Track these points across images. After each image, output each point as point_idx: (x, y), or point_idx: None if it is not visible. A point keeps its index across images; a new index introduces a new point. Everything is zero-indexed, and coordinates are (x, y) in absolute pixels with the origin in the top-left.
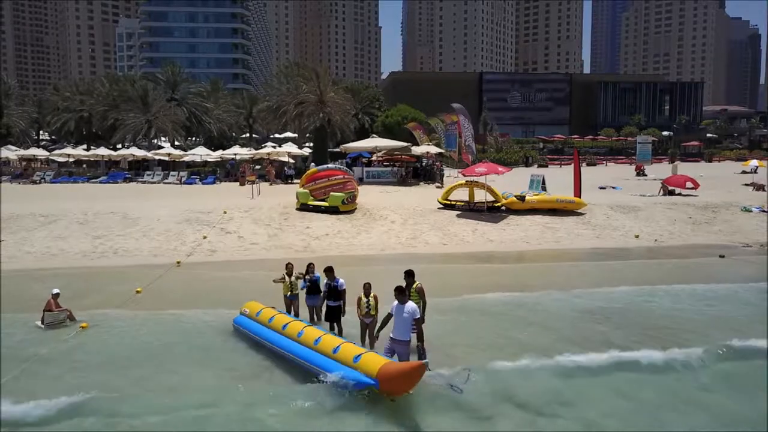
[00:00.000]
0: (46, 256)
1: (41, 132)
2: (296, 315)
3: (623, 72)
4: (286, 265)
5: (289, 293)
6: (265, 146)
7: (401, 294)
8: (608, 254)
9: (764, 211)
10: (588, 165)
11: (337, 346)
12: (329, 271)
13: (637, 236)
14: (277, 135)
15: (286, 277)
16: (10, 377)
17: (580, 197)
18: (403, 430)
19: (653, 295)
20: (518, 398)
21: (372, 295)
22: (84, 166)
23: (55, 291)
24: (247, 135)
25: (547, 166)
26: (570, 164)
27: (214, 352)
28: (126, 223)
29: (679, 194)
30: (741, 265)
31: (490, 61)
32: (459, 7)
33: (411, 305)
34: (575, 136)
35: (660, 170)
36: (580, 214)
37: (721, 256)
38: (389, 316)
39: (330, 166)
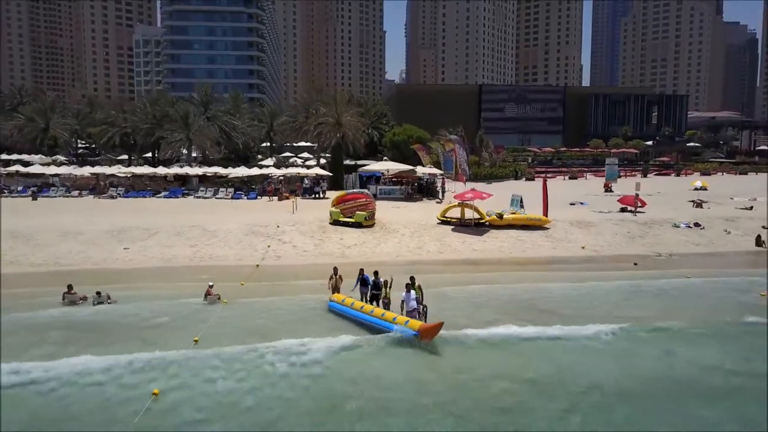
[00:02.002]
0: (164, 260)
1: (79, 141)
2: None
3: (621, 77)
4: (334, 269)
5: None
6: (294, 163)
7: (409, 285)
8: (556, 261)
9: (689, 226)
10: (570, 179)
11: (394, 317)
12: (376, 273)
13: (583, 247)
14: (293, 144)
15: (335, 278)
16: (203, 330)
17: (547, 216)
18: (427, 353)
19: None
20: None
21: (386, 282)
22: (130, 178)
23: (211, 283)
24: (267, 144)
25: (533, 179)
26: (554, 177)
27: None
28: (208, 235)
29: (631, 211)
30: (640, 270)
31: (491, 66)
32: (462, 14)
33: (413, 293)
34: (563, 148)
35: (629, 185)
36: (546, 229)
37: (635, 264)
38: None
39: (355, 191)
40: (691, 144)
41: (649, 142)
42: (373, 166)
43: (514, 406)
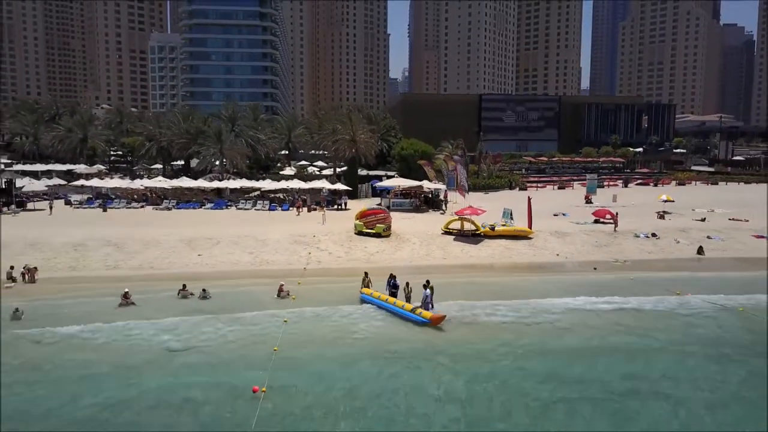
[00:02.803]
0: (229, 264)
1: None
2: None
3: (620, 80)
4: (365, 273)
5: (368, 286)
6: (312, 173)
7: (425, 285)
8: (534, 266)
9: (648, 236)
10: (559, 188)
11: (413, 308)
12: (394, 277)
13: (557, 255)
14: (309, 152)
15: (367, 280)
16: (290, 309)
17: (531, 228)
18: (438, 333)
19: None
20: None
21: (407, 284)
22: (171, 190)
23: (282, 282)
24: (285, 152)
25: (526, 189)
26: (545, 187)
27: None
28: (260, 244)
29: (602, 222)
30: (598, 273)
31: (492, 69)
32: (464, 18)
33: (428, 290)
34: (555, 158)
35: (608, 196)
36: (530, 238)
37: (594, 269)
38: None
39: (374, 206)
40: (678, 150)
41: (639, 149)
42: (387, 182)
43: (489, 355)
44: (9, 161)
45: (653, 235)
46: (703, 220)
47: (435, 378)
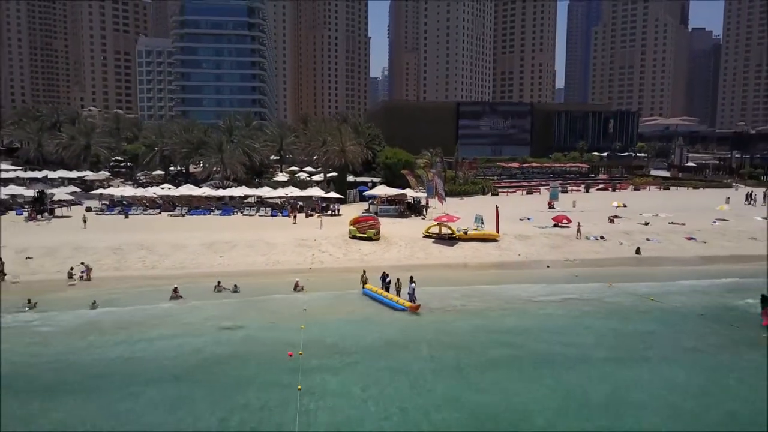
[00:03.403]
0: (247, 264)
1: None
2: None
3: (592, 83)
4: (363, 271)
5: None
6: (305, 180)
7: (411, 280)
8: (499, 264)
9: (597, 239)
10: (527, 193)
11: (397, 300)
12: (387, 274)
13: (519, 255)
14: (299, 158)
15: (365, 276)
16: (306, 299)
17: (498, 232)
18: (414, 315)
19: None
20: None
21: (397, 279)
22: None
23: (297, 279)
24: (277, 158)
25: (497, 195)
26: (515, 192)
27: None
28: (269, 247)
29: (561, 226)
30: (550, 270)
31: (470, 72)
32: (442, 22)
33: (413, 285)
34: (525, 164)
35: (569, 201)
36: (497, 241)
37: (548, 266)
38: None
39: (366, 214)
40: (641, 154)
41: (605, 154)
42: (374, 190)
43: (452, 332)
44: (44, 173)
45: (601, 237)
46: (647, 224)
47: (413, 335)
